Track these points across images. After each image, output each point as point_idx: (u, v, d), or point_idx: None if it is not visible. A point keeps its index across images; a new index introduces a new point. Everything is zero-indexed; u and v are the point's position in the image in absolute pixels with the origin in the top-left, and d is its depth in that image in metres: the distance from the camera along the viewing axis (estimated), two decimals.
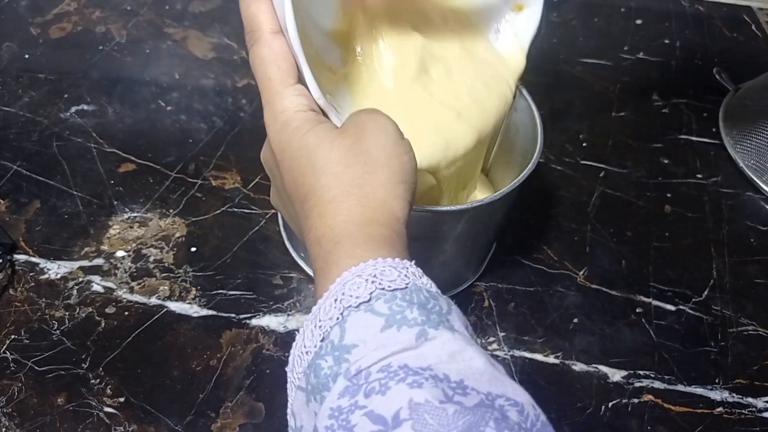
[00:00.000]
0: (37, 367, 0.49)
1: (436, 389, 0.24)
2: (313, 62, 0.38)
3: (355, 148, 0.32)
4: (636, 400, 0.52)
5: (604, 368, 0.53)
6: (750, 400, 0.52)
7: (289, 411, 0.29)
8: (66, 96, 0.68)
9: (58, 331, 0.51)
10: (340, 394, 0.25)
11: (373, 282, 0.28)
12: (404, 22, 0.46)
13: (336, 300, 0.28)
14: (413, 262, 0.30)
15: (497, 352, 0.53)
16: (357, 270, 0.28)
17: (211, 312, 0.53)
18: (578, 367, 0.53)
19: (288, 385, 0.30)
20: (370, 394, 0.25)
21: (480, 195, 0.59)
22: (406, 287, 0.28)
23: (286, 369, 0.30)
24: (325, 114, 0.35)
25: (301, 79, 0.34)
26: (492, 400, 0.25)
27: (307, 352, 0.28)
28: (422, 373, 0.25)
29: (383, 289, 0.28)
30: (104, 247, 0.57)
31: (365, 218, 0.30)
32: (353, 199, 0.31)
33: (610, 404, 0.51)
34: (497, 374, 0.26)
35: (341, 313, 0.28)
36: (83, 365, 0.50)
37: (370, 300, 0.27)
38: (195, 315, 0.53)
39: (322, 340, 0.28)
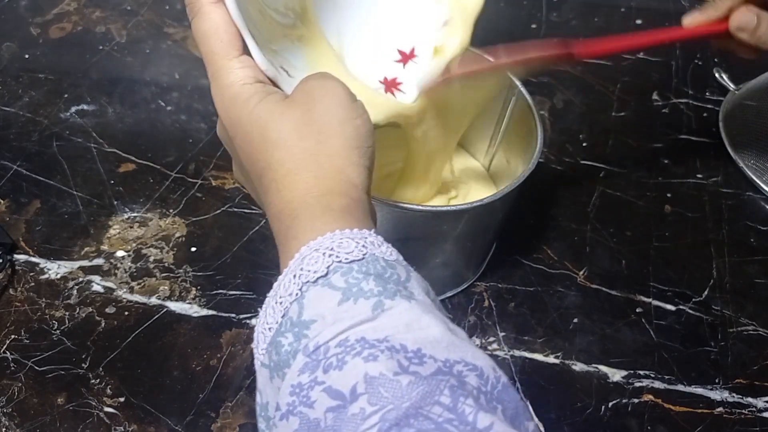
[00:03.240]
0: (37, 367, 0.49)
1: (391, 361, 0.24)
2: (264, 25, 0.36)
3: (306, 118, 0.31)
4: (636, 400, 0.52)
5: (604, 368, 0.53)
6: (750, 400, 0.52)
7: (257, 387, 0.29)
8: (66, 96, 0.68)
9: (58, 331, 0.51)
10: (300, 371, 0.25)
11: (330, 255, 0.27)
12: None
13: (295, 276, 0.28)
14: (373, 230, 0.29)
15: (497, 352, 0.53)
16: (315, 244, 0.28)
17: (211, 312, 0.53)
18: (578, 367, 0.53)
19: (254, 361, 0.30)
20: (328, 369, 0.25)
21: (480, 195, 0.59)
22: (363, 258, 0.28)
23: (252, 345, 0.30)
24: (275, 83, 0.33)
25: (246, 49, 0.33)
26: (450, 366, 0.25)
27: (269, 329, 0.28)
28: (378, 345, 0.25)
29: (340, 261, 0.27)
30: (104, 247, 0.57)
31: (322, 189, 0.30)
32: (308, 170, 0.30)
33: (610, 404, 0.51)
34: (455, 340, 0.26)
35: (300, 289, 0.27)
36: (83, 365, 0.50)
37: (327, 274, 0.27)
38: (195, 315, 0.53)
39: (282, 317, 0.28)
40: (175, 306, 0.54)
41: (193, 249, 0.57)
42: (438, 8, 0.46)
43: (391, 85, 0.46)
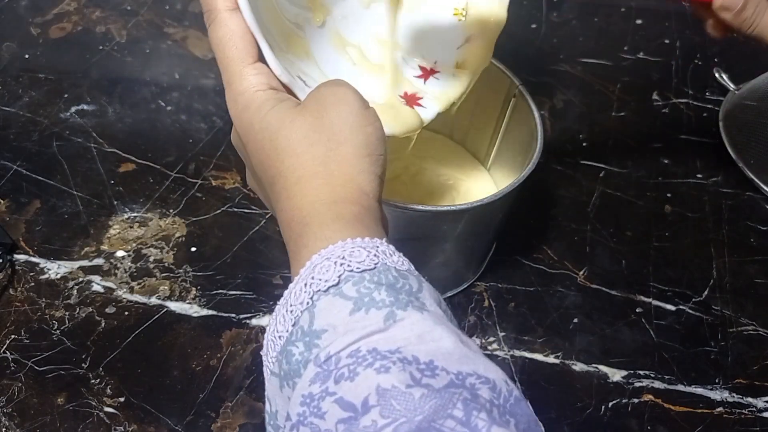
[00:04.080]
0: (37, 367, 0.49)
1: (403, 373, 0.24)
2: (281, 34, 0.36)
3: (317, 125, 0.31)
4: (636, 400, 0.52)
5: (604, 368, 0.53)
6: (750, 400, 0.52)
7: (265, 395, 0.29)
8: (66, 96, 0.68)
9: (58, 331, 0.51)
10: (311, 381, 0.25)
11: (341, 264, 0.27)
12: None
13: (306, 284, 0.28)
14: (384, 239, 0.29)
15: (497, 352, 0.53)
16: (326, 252, 0.28)
17: (211, 312, 0.53)
18: (578, 367, 0.53)
19: (264, 369, 0.29)
20: (339, 380, 0.25)
21: (480, 195, 0.59)
22: (375, 267, 0.27)
23: (261, 353, 0.30)
24: (290, 90, 0.34)
25: (262, 57, 0.33)
26: (462, 379, 0.25)
27: (279, 337, 0.28)
28: (390, 356, 0.25)
29: (351, 271, 0.27)
30: (104, 247, 0.57)
31: (332, 197, 0.30)
32: (319, 178, 0.30)
33: (610, 404, 0.51)
34: (468, 352, 0.26)
35: (311, 298, 0.27)
36: (83, 365, 0.50)
37: (338, 283, 0.27)
38: (195, 315, 0.53)
39: (293, 325, 0.27)
40: (175, 306, 0.54)
41: (193, 249, 0.57)
42: (460, 25, 0.46)
43: (411, 101, 0.46)
